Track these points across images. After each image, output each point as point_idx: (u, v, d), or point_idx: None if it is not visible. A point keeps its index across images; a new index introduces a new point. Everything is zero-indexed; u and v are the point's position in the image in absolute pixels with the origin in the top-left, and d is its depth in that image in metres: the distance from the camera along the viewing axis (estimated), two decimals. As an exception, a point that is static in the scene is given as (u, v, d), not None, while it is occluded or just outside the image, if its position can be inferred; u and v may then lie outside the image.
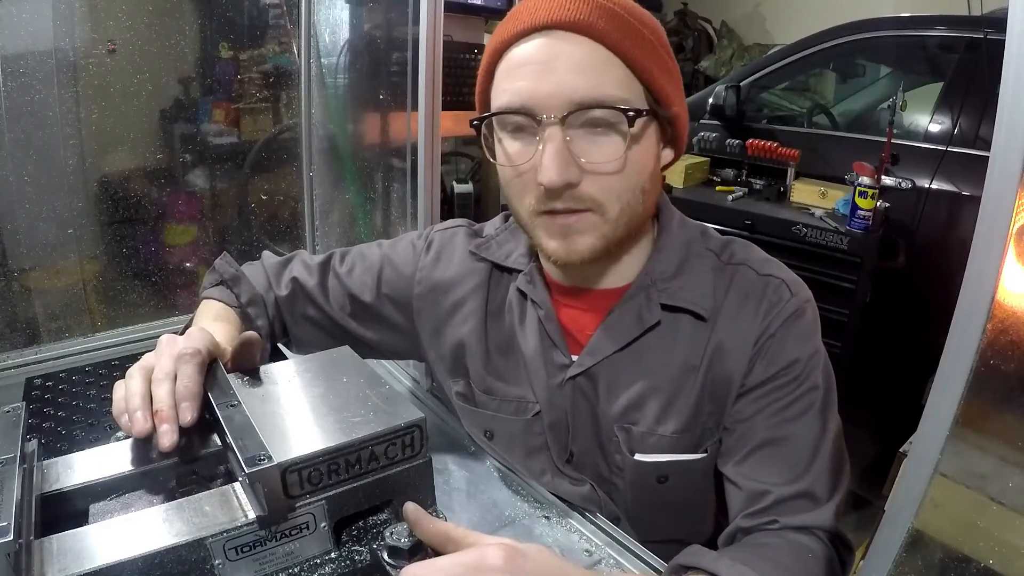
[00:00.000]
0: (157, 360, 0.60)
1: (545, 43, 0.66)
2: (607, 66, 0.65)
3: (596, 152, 0.67)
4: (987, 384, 0.47)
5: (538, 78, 0.65)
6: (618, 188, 0.68)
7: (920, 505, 0.49)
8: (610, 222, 0.70)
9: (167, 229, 1.62)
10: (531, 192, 0.69)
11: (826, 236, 2.16)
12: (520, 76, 0.67)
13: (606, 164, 0.67)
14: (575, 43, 0.65)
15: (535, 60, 0.66)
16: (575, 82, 0.64)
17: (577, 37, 0.65)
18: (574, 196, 0.68)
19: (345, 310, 0.91)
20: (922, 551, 0.51)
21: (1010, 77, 0.43)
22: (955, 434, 0.48)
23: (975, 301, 0.46)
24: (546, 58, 0.65)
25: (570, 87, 0.64)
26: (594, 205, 0.68)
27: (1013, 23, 0.44)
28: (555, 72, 0.65)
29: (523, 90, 0.66)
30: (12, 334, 1.27)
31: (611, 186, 0.68)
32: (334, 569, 0.55)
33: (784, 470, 0.70)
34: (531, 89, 0.65)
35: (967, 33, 2.33)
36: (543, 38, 0.66)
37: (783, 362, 0.72)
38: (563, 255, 0.71)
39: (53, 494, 0.54)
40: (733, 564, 0.61)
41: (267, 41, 1.66)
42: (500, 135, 0.71)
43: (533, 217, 0.71)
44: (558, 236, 0.70)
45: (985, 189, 0.45)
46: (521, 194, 0.71)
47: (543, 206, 0.69)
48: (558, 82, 0.64)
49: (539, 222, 0.71)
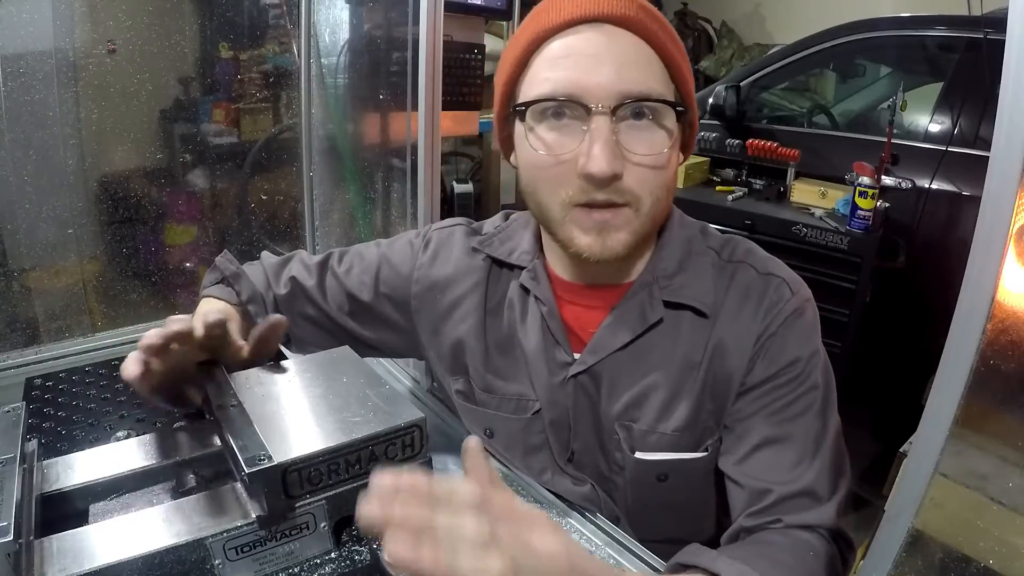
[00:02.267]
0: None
1: (593, 35, 0.67)
2: (651, 63, 0.67)
3: (642, 145, 0.67)
4: (987, 384, 0.47)
5: (587, 68, 0.66)
6: (653, 183, 0.69)
7: (920, 505, 0.49)
8: (642, 217, 0.70)
9: (167, 229, 1.61)
10: (569, 183, 0.69)
11: (826, 236, 2.16)
12: (566, 66, 0.67)
13: (651, 158, 0.67)
14: (622, 37, 0.66)
15: (583, 51, 0.67)
16: (625, 74, 0.65)
17: (624, 32, 0.66)
18: (616, 189, 0.68)
19: (344, 309, 0.91)
20: (922, 551, 0.51)
21: (1010, 77, 0.43)
22: (955, 434, 0.48)
23: (975, 301, 0.46)
24: (595, 50, 0.66)
25: (619, 78, 0.65)
26: (632, 199, 0.69)
27: (1013, 23, 0.44)
28: (605, 64, 0.66)
29: (570, 79, 0.66)
30: (12, 334, 1.27)
31: (649, 180, 0.68)
32: (334, 569, 0.55)
33: (785, 468, 0.70)
34: (579, 78, 0.66)
35: (967, 33, 2.33)
36: (591, 30, 0.67)
37: (784, 361, 0.72)
38: (598, 251, 0.70)
39: (53, 494, 0.54)
40: (732, 562, 0.61)
41: (267, 41, 1.66)
42: (534, 125, 0.70)
43: (567, 210, 0.70)
44: (593, 232, 0.70)
45: (985, 189, 0.45)
46: (556, 186, 0.70)
47: (583, 197, 0.68)
48: (608, 73, 0.65)
49: (573, 216, 0.70)
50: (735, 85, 2.76)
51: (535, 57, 0.70)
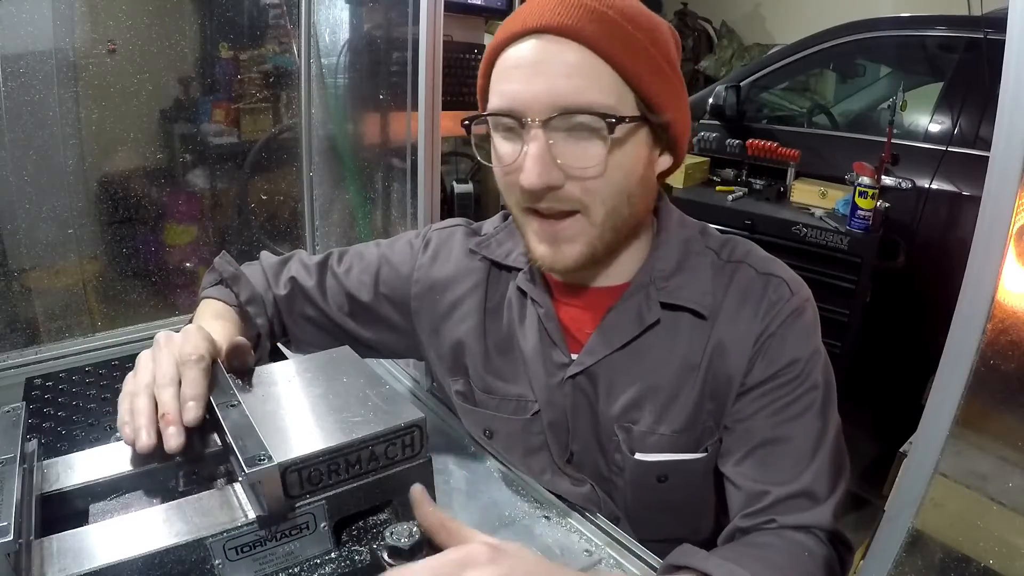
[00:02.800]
0: (157, 365, 0.60)
1: (536, 46, 0.66)
2: (594, 71, 0.66)
3: (577, 156, 0.67)
4: (987, 384, 0.47)
5: (526, 81, 0.66)
6: (602, 192, 0.69)
7: (920, 505, 0.50)
8: (596, 226, 0.70)
9: (167, 229, 1.62)
10: (517, 190, 0.70)
11: (826, 236, 2.16)
12: (511, 78, 0.68)
13: (586, 169, 0.67)
14: (564, 47, 0.65)
15: (525, 63, 0.67)
16: (560, 86, 0.65)
17: (566, 42, 0.65)
18: (557, 197, 0.68)
19: (343, 310, 0.91)
20: (922, 551, 0.51)
21: (1010, 77, 0.43)
22: (955, 434, 0.48)
23: (975, 301, 0.46)
24: (535, 61, 0.66)
25: (555, 91, 0.65)
26: (579, 206, 0.69)
27: (1013, 23, 0.44)
28: (542, 75, 0.66)
29: (512, 92, 0.67)
30: (12, 334, 1.27)
31: (594, 189, 0.68)
32: (334, 569, 0.55)
33: (784, 469, 0.70)
34: (518, 91, 0.67)
35: (967, 33, 2.33)
36: (535, 41, 0.66)
37: (783, 361, 0.72)
38: (549, 262, 0.72)
39: (53, 494, 0.54)
40: (723, 563, 0.61)
41: (267, 41, 1.66)
42: (493, 135, 0.73)
43: (522, 214, 0.73)
44: (547, 241, 0.72)
45: (985, 189, 0.45)
46: (509, 192, 0.73)
47: (529, 203, 0.70)
48: (543, 85, 0.65)
49: (527, 222, 0.73)
50: (735, 85, 2.76)
51: (495, 67, 0.71)
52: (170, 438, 0.55)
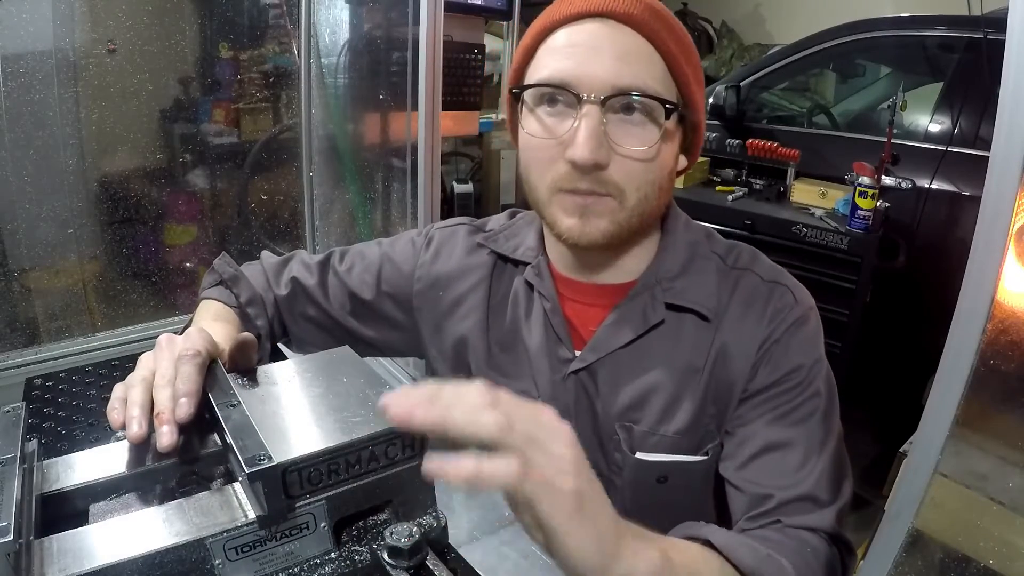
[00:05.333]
0: (157, 364, 0.60)
1: (595, 28, 0.68)
2: (650, 61, 0.68)
3: (630, 138, 0.68)
4: (987, 384, 0.47)
5: (583, 59, 0.67)
6: (640, 178, 0.69)
7: (920, 505, 0.50)
8: (626, 210, 0.71)
9: (167, 229, 1.62)
10: (556, 168, 0.70)
11: (826, 236, 2.16)
12: (566, 55, 0.69)
13: (638, 151, 0.68)
14: (624, 33, 0.67)
15: (583, 43, 0.68)
16: (620, 68, 0.67)
17: (627, 29, 0.67)
18: (599, 179, 0.69)
19: (345, 308, 0.91)
20: (922, 551, 0.51)
21: (1010, 77, 0.43)
22: (955, 434, 0.48)
23: (975, 301, 0.46)
24: (595, 42, 0.68)
25: (614, 72, 0.66)
26: (615, 191, 0.69)
27: (1013, 23, 0.44)
28: (601, 56, 0.67)
29: (567, 68, 0.68)
30: (12, 334, 1.27)
31: (635, 175, 0.69)
32: (334, 569, 0.55)
33: (786, 474, 0.70)
34: (575, 68, 0.67)
35: (967, 33, 2.33)
36: (594, 24, 0.68)
37: (786, 368, 0.72)
38: (576, 235, 0.71)
39: (53, 494, 0.54)
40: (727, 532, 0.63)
41: (267, 41, 1.66)
42: (532, 108, 0.72)
43: (552, 194, 0.72)
44: (575, 215, 0.71)
45: (985, 189, 0.45)
46: (545, 169, 0.72)
47: (568, 183, 0.70)
48: (603, 65, 0.67)
49: (557, 199, 0.72)
50: (735, 85, 2.76)
51: (541, 47, 0.72)
52: (162, 436, 0.55)
